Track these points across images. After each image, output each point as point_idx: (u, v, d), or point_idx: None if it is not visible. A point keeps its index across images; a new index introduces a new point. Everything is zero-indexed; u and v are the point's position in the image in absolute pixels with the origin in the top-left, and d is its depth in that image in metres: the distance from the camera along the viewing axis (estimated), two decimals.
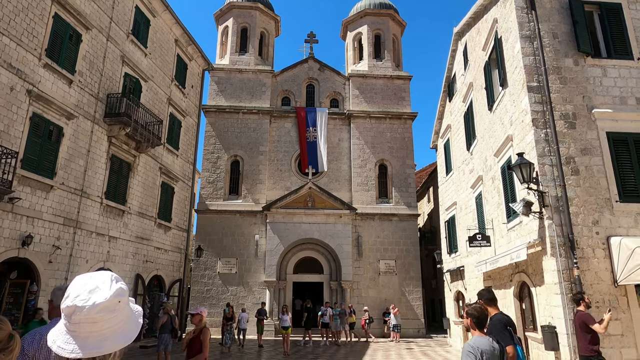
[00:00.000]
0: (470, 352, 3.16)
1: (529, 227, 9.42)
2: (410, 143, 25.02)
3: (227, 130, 24.48)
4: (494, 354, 3.21)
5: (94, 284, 1.26)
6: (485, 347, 3.20)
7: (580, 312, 6.36)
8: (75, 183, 12.91)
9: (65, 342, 1.22)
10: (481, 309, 3.51)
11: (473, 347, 3.19)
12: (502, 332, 3.96)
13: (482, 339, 3.29)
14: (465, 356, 3.18)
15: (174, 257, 18.76)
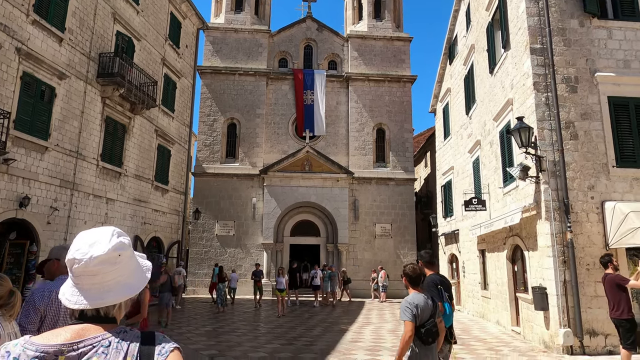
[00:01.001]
0: (408, 307, 3.55)
1: (525, 191, 9.47)
2: (408, 107, 24.74)
3: (224, 92, 24.07)
4: (427, 308, 3.62)
5: (94, 238, 1.28)
6: (420, 302, 3.60)
7: (609, 274, 6.33)
8: (70, 145, 12.78)
9: (72, 295, 1.25)
10: (415, 269, 3.80)
11: (410, 302, 3.59)
12: (432, 290, 4.32)
13: (418, 295, 3.67)
14: (404, 310, 3.56)
15: (172, 219, 18.91)
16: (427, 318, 3.58)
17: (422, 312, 3.55)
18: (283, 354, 7.86)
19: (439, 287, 4.46)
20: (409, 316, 3.50)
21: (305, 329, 11.17)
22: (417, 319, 3.51)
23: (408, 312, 3.52)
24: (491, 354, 7.96)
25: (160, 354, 1.21)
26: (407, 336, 3.47)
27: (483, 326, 11.82)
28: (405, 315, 3.53)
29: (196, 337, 9.55)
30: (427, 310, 3.60)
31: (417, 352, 3.56)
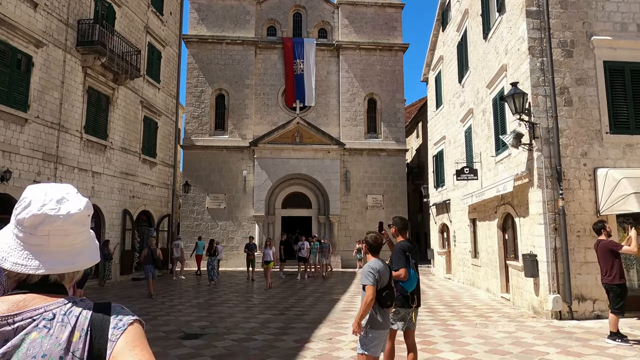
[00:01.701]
0: (370, 272, 3.76)
1: (518, 159, 9.37)
2: (400, 76, 24.34)
3: (211, 62, 23.40)
4: (386, 273, 3.89)
5: (58, 194, 1.08)
6: (381, 267, 3.83)
7: (602, 240, 6.35)
8: (52, 116, 12.35)
9: (25, 258, 1.04)
10: (376, 238, 4.00)
11: (373, 267, 3.79)
12: (399, 257, 4.49)
13: (378, 261, 3.89)
14: (367, 275, 3.77)
15: (161, 192, 18.67)
16: (386, 283, 3.83)
17: (382, 277, 3.79)
18: (274, 324, 7.86)
19: (406, 254, 4.53)
20: (371, 280, 3.70)
21: (297, 299, 11.21)
22: (379, 283, 3.74)
23: (370, 276, 3.72)
24: (481, 320, 8.03)
25: (116, 327, 1.01)
26: (368, 299, 3.65)
27: (473, 294, 11.97)
28: (368, 279, 3.72)
29: (187, 309, 9.52)
30: (386, 275, 3.85)
31: (374, 315, 3.77)
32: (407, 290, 4.53)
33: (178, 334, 7.06)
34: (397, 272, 4.43)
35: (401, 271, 4.41)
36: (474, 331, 7.11)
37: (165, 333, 7.13)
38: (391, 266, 4.54)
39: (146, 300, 10.91)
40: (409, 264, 4.53)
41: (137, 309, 9.55)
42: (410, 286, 4.54)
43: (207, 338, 6.81)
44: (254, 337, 6.87)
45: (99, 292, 12.38)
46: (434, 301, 10.71)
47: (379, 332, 3.76)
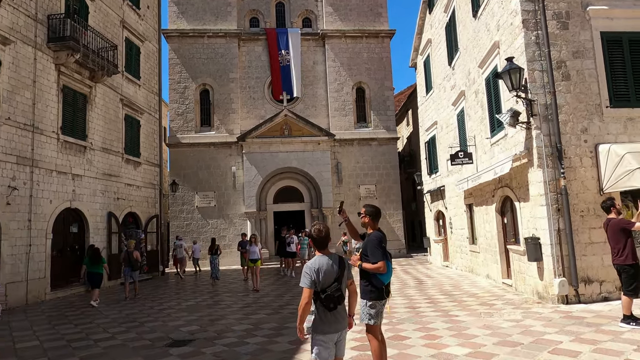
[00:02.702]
0: (307, 273, 3.38)
1: (515, 139, 8.98)
2: (388, 63, 23.87)
3: (193, 57, 22.72)
4: (331, 272, 3.42)
5: None
6: (323, 266, 3.41)
7: (612, 219, 6.03)
8: (24, 117, 11.70)
9: None
10: (320, 231, 3.56)
11: (311, 267, 3.40)
12: (377, 249, 4.21)
13: (322, 258, 3.47)
14: (303, 276, 3.40)
15: (148, 193, 18.07)
16: (330, 282, 3.41)
17: (325, 277, 3.39)
18: (268, 325, 7.41)
19: (382, 245, 4.28)
20: (306, 282, 3.36)
21: (292, 296, 10.77)
22: (318, 284, 3.37)
23: (306, 278, 3.38)
24: (485, 309, 7.67)
25: None
26: (302, 303, 3.32)
27: (473, 281, 11.63)
28: (303, 281, 3.39)
29: (176, 313, 9.04)
30: (330, 274, 3.42)
31: (319, 318, 3.42)
32: (384, 283, 4.29)
33: (165, 341, 6.59)
34: (376, 264, 4.20)
35: (380, 264, 4.18)
36: (479, 321, 6.72)
37: (151, 341, 6.66)
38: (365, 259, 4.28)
39: (133, 305, 10.40)
40: (386, 256, 4.28)
41: (124, 315, 9.06)
42: (387, 278, 4.31)
43: (196, 344, 6.35)
44: (246, 340, 6.42)
45: (84, 299, 11.83)
46: (434, 291, 10.34)
47: (327, 336, 3.41)
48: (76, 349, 6.39)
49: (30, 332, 7.75)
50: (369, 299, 4.27)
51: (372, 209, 4.54)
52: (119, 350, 6.20)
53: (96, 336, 7.19)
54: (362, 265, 4.30)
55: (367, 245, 4.33)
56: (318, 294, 3.37)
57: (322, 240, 3.52)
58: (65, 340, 6.97)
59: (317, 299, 3.38)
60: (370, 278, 4.27)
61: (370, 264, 4.24)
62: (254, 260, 12.35)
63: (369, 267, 4.23)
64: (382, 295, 4.29)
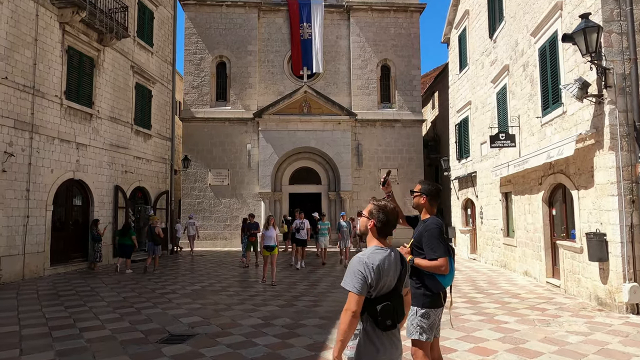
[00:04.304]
0: (360, 271, 2.15)
1: (577, 117, 7.64)
2: (416, 40, 22.29)
3: (210, 26, 21.52)
4: (393, 271, 2.24)
5: None
6: (383, 262, 2.20)
7: None
8: (24, 78, 10.76)
9: None
10: (389, 209, 2.36)
11: (367, 262, 2.18)
12: (437, 241, 3.14)
13: (380, 251, 2.25)
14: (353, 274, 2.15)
15: (158, 167, 17.17)
16: (389, 288, 2.23)
17: (384, 279, 2.20)
18: (280, 320, 6.38)
19: (445, 237, 3.24)
20: (356, 285, 2.13)
21: (308, 284, 9.75)
22: (373, 289, 2.19)
23: (357, 278, 2.14)
24: (537, 315, 6.49)
25: None
26: (346, 317, 2.10)
27: (509, 277, 10.42)
28: (350, 282, 2.15)
29: (179, 299, 8.10)
30: (392, 274, 2.24)
31: (368, 340, 2.21)
32: (444, 286, 3.21)
33: (160, 336, 5.61)
34: (436, 262, 3.08)
35: (441, 261, 3.09)
36: (535, 331, 5.56)
37: (145, 334, 5.68)
38: (419, 252, 3.20)
39: (133, 287, 9.52)
40: (449, 251, 3.19)
41: (121, 299, 8.16)
42: (448, 281, 3.22)
43: (194, 341, 5.35)
44: (254, 340, 5.39)
45: (86, 277, 11.03)
46: (468, 287, 9.18)
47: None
48: (56, 339, 5.46)
49: (14, 314, 6.88)
50: (421, 305, 3.18)
51: (430, 187, 3.42)
52: (104, 345, 5.24)
53: (84, 323, 6.27)
54: (415, 261, 3.18)
55: (422, 235, 3.21)
56: (370, 303, 2.20)
57: (390, 222, 2.33)
58: (48, 327, 6.06)
59: (366, 311, 2.21)
60: (424, 278, 3.19)
61: (426, 260, 3.12)
62: (270, 248, 9.90)
63: (425, 264, 3.12)
64: (438, 301, 3.20)
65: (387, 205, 2.35)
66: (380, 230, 2.32)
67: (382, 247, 2.28)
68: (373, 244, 2.31)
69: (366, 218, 2.35)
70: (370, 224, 2.32)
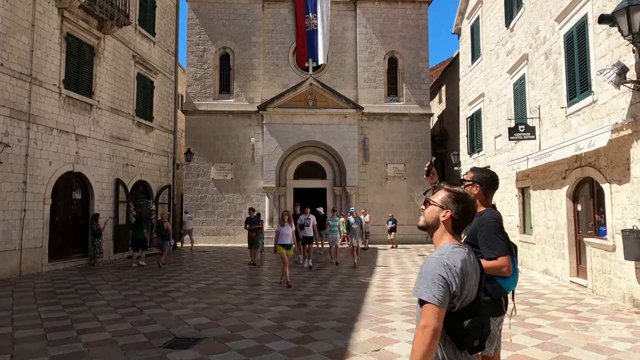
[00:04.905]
0: (441, 277, 1.64)
1: (610, 106, 7.14)
2: (425, 32, 21.73)
3: (213, 17, 20.98)
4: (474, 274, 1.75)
5: None
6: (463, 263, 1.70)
7: None
8: (20, 65, 10.27)
9: None
10: (474, 201, 1.91)
11: (448, 265, 1.66)
12: (496, 237, 2.64)
13: (460, 250, 1.75)
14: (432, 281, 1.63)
15: (160, 161, 16.70)
16: (472, 298, 1.74)
17: (468, 285, 1.70)
18: (293, 322, 5.92)
19: (504, 232, 2.75)
20: (438, 294, 1.61)
21: (317, 283, 9.30)
22: (457, 299, 1.68)
23: (439, 284, 1.62)
24: (570, 318, 6.02)
25: None
26: (427, 339, 1.56)
27: (528, 276, 9.96)
28: (430, 289, 1.62)
29: (184, 298, 7.64)
30: (474, 279, 1.76)
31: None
32: (507, 291, 2.73)
33: (165, 339, 5.15)
34: (497, 262, 2.58)
35: (503, 260, 2.59)
36: (575, 337, 5.09)
37: (148, 337, 5.23)
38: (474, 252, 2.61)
39: (135, 285, 9.06)
40: (511, 249, 2.71)
41: (123, 297, 7.71)
42: (511, 284, 2.73)
43: (202, 346, 4.89)
44: (267, 345, 4.93)
45: (85, 273, 10.59)
46: None
47: None
48: (52, 343, 5.01)
49: (8, 314, 6.43)
50: None
51: (485, 175, 2.94)
52: (103, 350, 4.79)
53: (82, 324, 5.81)
54: None
55: (478, 231, 2.72)
56: (452, 319, 1.67)
57: (470, 215, 1.85)
58: (43, 329, 5.61)
59: (448, 328, 1.67)
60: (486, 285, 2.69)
61: (483, 260, 2.65)
62: (287, 246, 8.94)
63: (484, 265, 2.62)
64: (499, 309, 2.74)
65: (466, 193, 1.87)
66: (457, 224, 1.83)
67: (460, 244, 1.80)
68: (445, 240, 1.82)
69: (438, 208, 1.86)
70: (445, 216, 1.82)
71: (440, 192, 1.91)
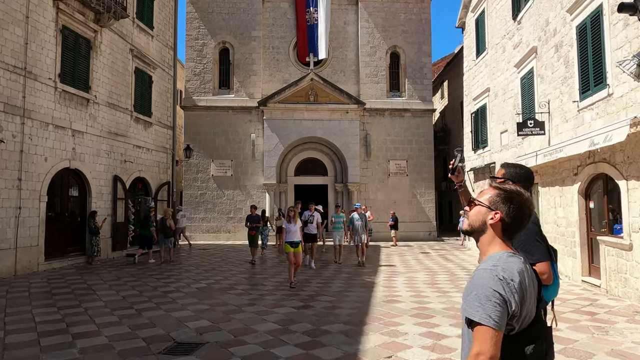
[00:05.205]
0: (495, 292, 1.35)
1: (627, 99, 6.87)
2: (427, 26, 21.41)
3: (213, 11, 20.63)
4: (532, 287, 1.45)
5: None
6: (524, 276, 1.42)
7: None
8: (14, 59, 9.96)
9: None
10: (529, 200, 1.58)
11: (504, 279, 1.37)
12: (534, 241, 2.37)
13: (515, 260, 1.46)
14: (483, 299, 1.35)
15: (159, 157, 16.40)
16: (532, 317, 1.44)
17: (527, 301, 1.41)
18: (299, 325, 5.66)
19: (543, 236, 2.45)
20: (494, 314, 1.33)
21: (321, 282, 9.04)
22: (517, 320, 1.39)
23: (494, 302, 1.35)
24: (587, 320, 5.77)
25: None
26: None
27: None
28: (485, 309, 1.34)
29: (183, 299, 7.38)
30: (532, 293, 1.46)
31: None
32: (547, 301, 2.40)
33: (164, 344, 4.89)
34: (537, 268, 2.17)
35: (543, 266, 2.31)
36: (596, 342, 4.84)
37: (146, 342, 4.96)
38: None
39: (134, 284, 8.80)
40: (551, 254, 2.41)
41: (120, 298, 7.44)
42: (552, 293, 2.44)
43: (204, 352, 4.63)
44: (273, 351, 4.67)
45: (83, 272, 10.32)
46: None
47: None
48: (45, 349, 4.75)
49: (1, 317, 6.16)
50: None
51: (518, 171, 2.64)
52: (100, 356, 4.53)
53: (78, 328, 5.55)
54: None
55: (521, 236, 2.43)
56: (511, 344, 1.38)
57: (525, 217, 1.55)
58: (36, 333, 5.34)
59: (504, 355, 1.36)
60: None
61: None
62: (295, 244, 8.52)
63: None
64: None
65: (520, 191, 1.58)
66: (509, 228, 1.54)
67: (514, 252, 1.52)
68: (496, 248, 1.53)
69: (485, 209, 1.58)
70: (494, 218, 1.54)
71: (487, 190, 1.63)
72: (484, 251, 1.57)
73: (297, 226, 8.66)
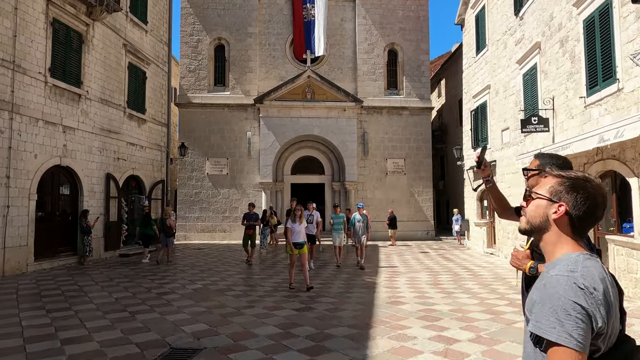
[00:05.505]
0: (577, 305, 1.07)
1: (638, 94, 6.66)
2: (425, 23, 21.20)
3: (208, 7, 20.28)
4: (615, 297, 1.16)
5: None
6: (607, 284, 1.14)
7: None
8: (2, 52, 9.59)
9: None
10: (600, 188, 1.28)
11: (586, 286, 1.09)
12: None
13: (593, 263, 1.18)
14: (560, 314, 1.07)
15: (153, 155, 16.04)
16: (617, 332, 1.16)
17: (613, 315, 1.12)
18: (301, 329, 5.39)
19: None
20: (576, 333, 1.05)
21: (321, 282, 8.78)
22: (603, 338, 1.11)
23: (575, 317, 1.06)
24: None
25: None
26: None
27: None
28: (563, 325, 1.06)
29: (179, 301, 7.08)
30: (616, 303, 1.15)
31: None
32: None
33: (159, 350, 4.60)
34: None
35: None
36: None
37: (140, 348, 4.67)
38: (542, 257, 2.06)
39: (127, 286, 8.48)
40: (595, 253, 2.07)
41: (113, 300, 7.13)
42: None
43: (202, 358, 4.34)
44: (275, 357, 4.39)
45: (74, 273, 9.98)
46: (503, 287, 8.25)
47: None
48: (31, 356, 4.44)
49: None
50: None
51: (553, 161, 2.31)
52: None
53: (67, 333, 5.24)
54: (539, 269, 2.16)
55: None
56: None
57: (598, 210, 1.24)
58: (22, 339, 5.03)
59: None
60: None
61: None
62: (300, 245, 8.10)
63: None
64: None
65: (587, 177, 1.28)
66: (578, 223, 1.25)
67: (589, 254, 1.23)
68: (565, 248, 1.24)
69: (546, 201, 1.30)
70: (558, 212, 1.25)
71: (547, 180, 1.34)
72: (550, 253, 1.29)
73: (302, 226, 8.28)
